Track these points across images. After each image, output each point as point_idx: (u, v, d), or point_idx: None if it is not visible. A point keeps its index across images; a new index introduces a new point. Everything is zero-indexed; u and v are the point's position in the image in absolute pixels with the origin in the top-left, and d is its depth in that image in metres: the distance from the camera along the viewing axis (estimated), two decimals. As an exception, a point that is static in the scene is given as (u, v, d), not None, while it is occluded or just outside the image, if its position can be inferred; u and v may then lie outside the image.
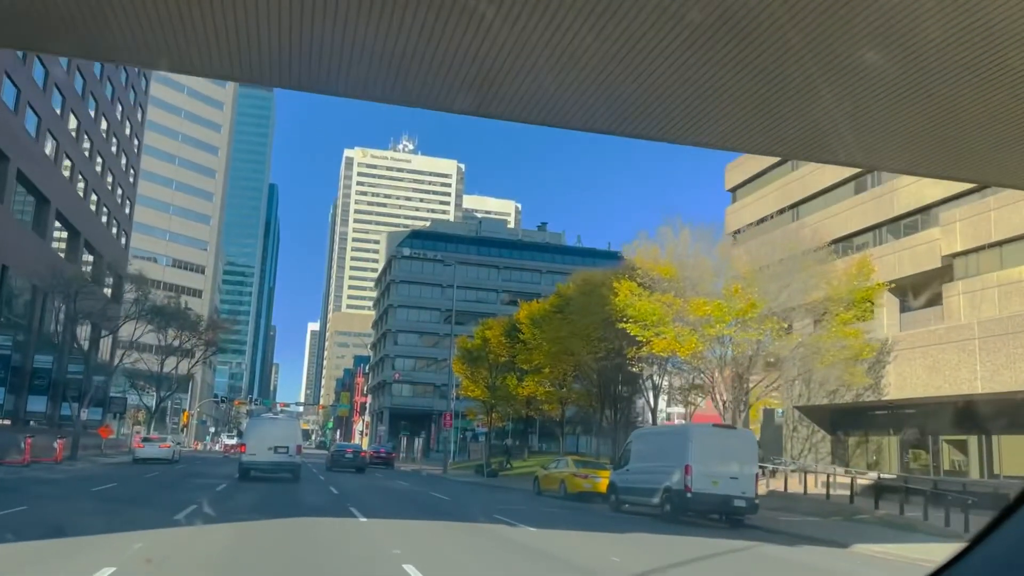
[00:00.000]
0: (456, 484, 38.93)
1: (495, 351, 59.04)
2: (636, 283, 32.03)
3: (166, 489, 24.18)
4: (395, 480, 38.58)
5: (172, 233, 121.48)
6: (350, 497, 23.64)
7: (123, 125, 69.61)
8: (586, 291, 41.20)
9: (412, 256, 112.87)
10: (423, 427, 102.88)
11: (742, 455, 22.57)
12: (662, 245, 33.07)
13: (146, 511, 16.94)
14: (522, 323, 54.71)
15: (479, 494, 31.65)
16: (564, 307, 45.90)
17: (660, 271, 30.81)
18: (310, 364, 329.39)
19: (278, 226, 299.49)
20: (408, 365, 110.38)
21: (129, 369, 67.21)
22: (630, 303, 30.68)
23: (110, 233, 66.85)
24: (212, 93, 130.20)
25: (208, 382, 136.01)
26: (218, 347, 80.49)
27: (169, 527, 13.46)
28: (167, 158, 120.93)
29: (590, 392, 50.21)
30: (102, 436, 56.41)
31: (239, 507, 18.42)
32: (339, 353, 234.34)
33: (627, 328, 31.60)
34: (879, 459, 39.24)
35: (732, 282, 28.92)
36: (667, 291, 30.80)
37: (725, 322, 28.60)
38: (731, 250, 31.34)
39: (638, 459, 25.14)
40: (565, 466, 31.78)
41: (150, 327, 54.63)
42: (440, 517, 19.09)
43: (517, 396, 55.87)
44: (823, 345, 29.54)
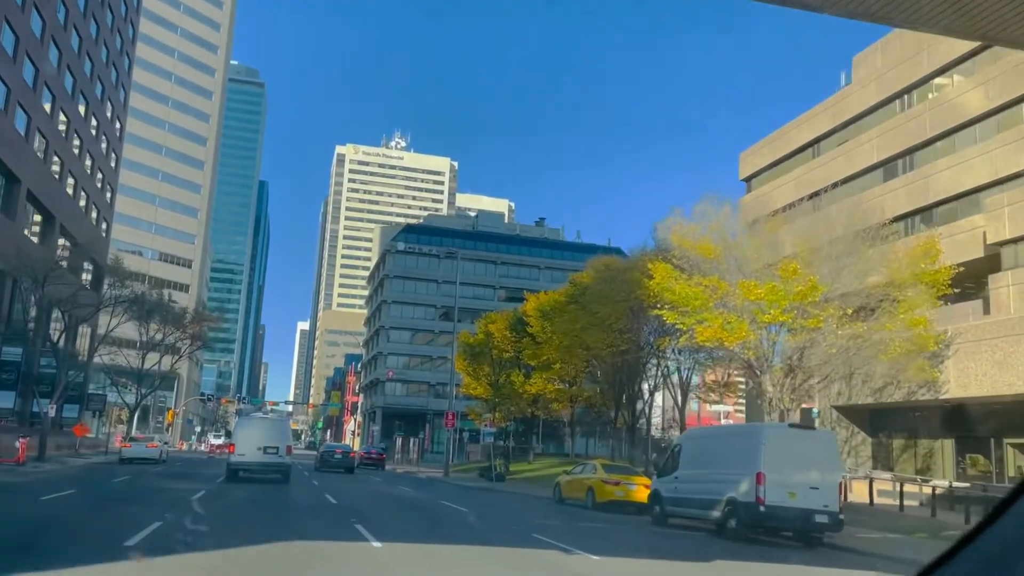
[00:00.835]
0: (463, 490, 35.17)
1: (499, 346, 55.38)
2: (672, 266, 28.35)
3: (131, 498, 20.36)
4: (396, 485, 34.79)
5: (158, 226, 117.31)
6: (352, 508, 19.95)
7: (104, 106, 65.61)
8: (607, 277, 37.54)
9: (407, 251, 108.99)
10: (417, 427, 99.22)
11: (823, 461, 18.89)
12: (696, 223, 29.31)
13: (91, 531, 13.16)
14: (530, 316, 51.10)
15: (496, 503, 27.91)
16: (580, 297, 42.24)
17: (701, 251, 27.14)
18: (299, 364, 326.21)
19: (268, 223, 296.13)
20: (402, 363, 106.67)
21: (109, 365, 63.22)
22: (668, 287, 26.95)
23: (89, 219, 62.85)
24: (200, 81, 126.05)
25: (195, 380, 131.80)
26: (204, 342, 76.43)
27: (109, 561, 9.68)
28: (153, 148, 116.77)
29: (604, 390, 46.58)
30: (77, 435, 52.39)
31: (216, 525, 14.61)
32: (329, 352, 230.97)
33: (663, 315, 27.94)
34: (929, 464, 35.66)
35: (789, 262, 25.19)
36: (709, 273, 27.13)
37: (781, 307, 24.92)
38: (780, 228, 27.70)
39: (690, 465, 21.42)
40: (592, 471, 28.04)
41: (126, 316, 50.48)
42: (470, 539, 15.35)
43: (523, 394, 52.17)
44: (886, 336, 25.86)
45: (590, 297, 39.41)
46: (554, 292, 50.55)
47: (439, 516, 19.87)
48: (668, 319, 27.92)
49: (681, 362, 34.50)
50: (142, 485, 25.27)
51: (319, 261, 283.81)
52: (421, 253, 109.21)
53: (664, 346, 30.97)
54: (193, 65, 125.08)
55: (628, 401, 42.96)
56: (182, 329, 63.88)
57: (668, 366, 36.96)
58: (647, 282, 28.58)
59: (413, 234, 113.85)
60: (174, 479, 30.11)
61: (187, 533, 12.80)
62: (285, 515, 17.39)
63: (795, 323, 25.19)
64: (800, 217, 30.81)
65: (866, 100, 52.01)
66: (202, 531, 13.37)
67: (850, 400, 36.57)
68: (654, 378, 40.72)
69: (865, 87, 52.57)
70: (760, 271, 26.92)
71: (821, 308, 25.13)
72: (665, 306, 27.89)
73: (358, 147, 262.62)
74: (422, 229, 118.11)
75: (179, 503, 18.62)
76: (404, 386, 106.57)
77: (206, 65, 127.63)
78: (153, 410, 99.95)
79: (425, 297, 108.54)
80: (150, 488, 24.06)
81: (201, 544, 11.73)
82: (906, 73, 48.53)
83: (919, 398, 32.47)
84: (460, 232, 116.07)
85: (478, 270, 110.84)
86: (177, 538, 12.05)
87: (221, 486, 26.64)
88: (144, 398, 64.96)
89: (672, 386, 38.42)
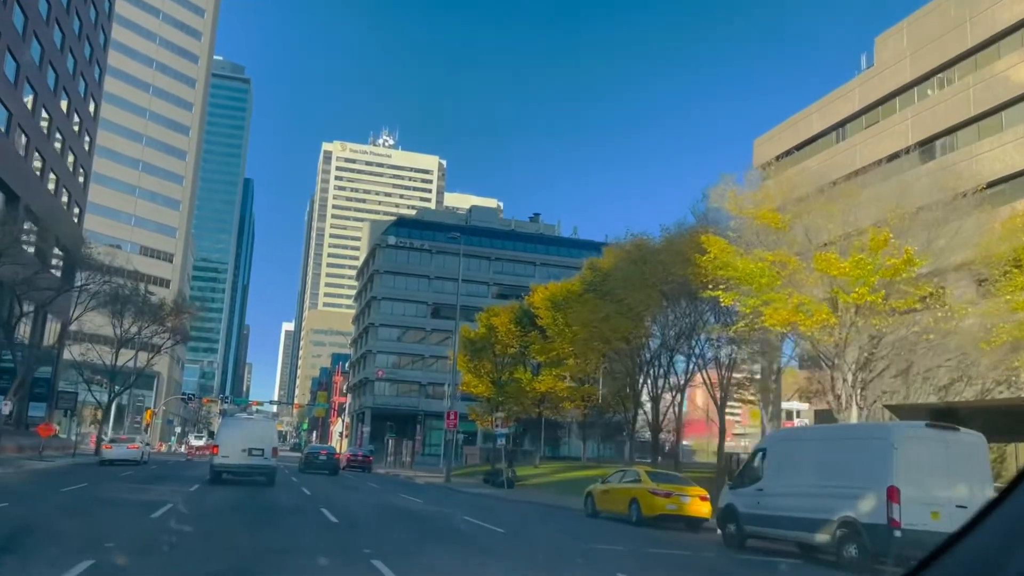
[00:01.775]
0: (475, 500, 30.83)
1: (503, 341, 51.07)
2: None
3: (76, 513, 15.92)
4: (398, 494, 30.39)
5: (138, 218, 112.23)
6: (359, 529, 15.66)
7: (75, 82, 60.88)
8: (637, 259, 33.14)
9: (398, 245, 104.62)
10: (408, 428, 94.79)
11: (971, 470, 14.64)
12: (750, 190, 25.08)
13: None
14: (538, 308, 46.84)
15: (526, 518, 23.57)
16: (599, 284, 37.94)
17: (765, 219, 22.86)
18: (284, 364, 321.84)
19: (253, 222, 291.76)
20: (392, 362, 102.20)
21: (81, 361, 58.49)
22: (727, 263, 22.66)
23: (59, 203, 58.09)
24: (183, 68, 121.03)
25: (176, 379, 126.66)
26: (185, 337, 71.82)
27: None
28: (133, 137, 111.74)
29: (621, 387, 42.32)
30: (42, 435, 47.71)
31: (180, 567, 10.21)
32: (315, 352, 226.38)
33: (719, 297, 23.69)
34: (1001, 471, 31.58)
35: (877, 231, 20.93)
36: (772, 247, 22.90)
37: (869, 284, 20.68)
38: (859, 193, 23.47)
39: (781, 474, 17.13)
40: (634, 479, 23.74)
41: (96, 304, 45.88)
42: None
43: (529, 392, 47.83)
44: (991, 319, 21.67)
45: (613, 283, 35.07)
46: (566, 281, 46.24)
47: (474, 540, 15.47)
48: (724, 301, 23.74)
49: (730, 351, 29.79)
50: (92, 498, 20.77)
51: (305, 260, 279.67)
52: (412, 248, 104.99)
53: (714, 333, 26.68)
54: (175, 51, 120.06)
55: (653, 398, 38.52)
56: (159, 322, 59.21)
57: (701, 359, 32.77)
58: (698, 259, 24.30)
59: (404, 228, 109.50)
60: (139, 487, 25.64)
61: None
62: (276, 542, 12.98)
63: (886, 304, 20.95)
64: (877, 183, 26.51)
65: (899, 79, 48.94)
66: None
67: (907, 398, 32.48)
68: (686, 373, 36.31)
69: (897, 65, 49.54)
70: (831, 244, 22.74)
71: (915, 286, 20.92)
72: (720, 286, 23.65)
73: (345, 144, 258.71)
74: (413, 223, 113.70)
75: (133, 523, 14.26)
76: (394, 386, 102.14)
77: (189, 52, 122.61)
78: (131, 409, 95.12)
79: (416, 293, 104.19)
80: (101, 501, 19.58)
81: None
82: (947, 48, 45.40)
83: (997, 396, 28.45)
84: (453, 227, 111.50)
85: (472, 266, 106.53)
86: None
87: (196, 495, 22.25)
88: (117, 396, 60.16)
89: (710, 385, 33.84)
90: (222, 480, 28.06)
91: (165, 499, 19.13)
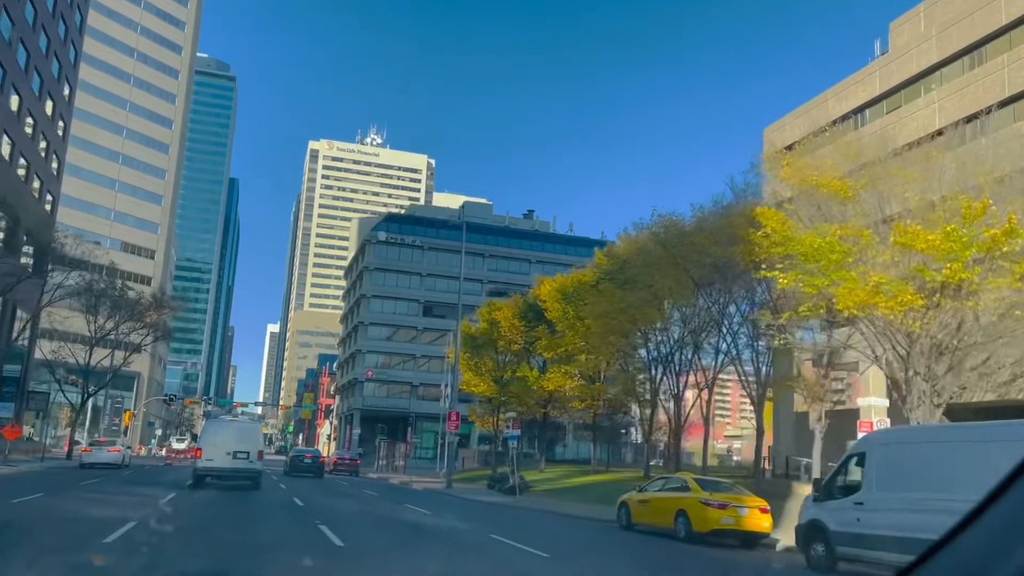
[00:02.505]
0: (490, 510, 27.50)
1: (506, 336, 47.75)
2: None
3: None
4: (403, 503, 26.99)
5: (118, 213, 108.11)
6: (373, 556, 12.36)
7: (48, 62, 57.23)
8: (668, 241, 29.80)
9: (388, 241, 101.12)
10: (398, 430, 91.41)
11: None
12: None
13: None
14: (545, 300, 43.56)
15: (560, 536, 20.29)
16: (616, 273, 34.67)
17: (832, 187, 19.66)
18: (269, 367, 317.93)
19: (238, 222, 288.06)
20: (382, 362, 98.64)
21: (54, 360, 54.79)
22: (788, 238, 19.44)
23: (29, 190, 54.40)
24: (166, 59, 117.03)
25: (158, 380, 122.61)
26: (166, 334, 68.11)
27: None
28: (113, 129, 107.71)
29: (636, 383, 39.09)
30: (7, 438, 44.16)
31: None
32: (301, 354, 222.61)
33: (776, 278, 20.47)
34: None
35: (969, 199, 17.76)
36: (834, 220, 19.72)
37: (962, 259, 17.53)
38: (940, 156, 20.27)
39: (891, 484, 13.87)
40: (680, 487, 20.47)
41: (66, 295, 42.37)
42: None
43: (536, 391, 44.54)
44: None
45: (635, 270, 31.79)
46: (577, 271, 42.91)
47: (522, 572, 12.13)
48: (782, 283, 20.48)
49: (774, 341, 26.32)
50: (49, 509, 17.31)
51: (291, 260, 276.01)
52: (403, 244, 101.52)
53: (763, 321, 23.44)
54: (157, 41, 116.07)
55: (672, 397, 35.18)
56: (137, 318, 55.60)
57: (734, 351, 29.63)
58: (751, 236, 21.07)
59: (395, 224, 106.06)
60: (107, 495, 22.21)
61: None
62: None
63: (982, 283, 17.79)
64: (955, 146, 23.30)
65: (923, 61, 47.12)
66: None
67: (963, 397, 29.44)
68: (715, 366, 32.93)
69: (923, 44, 47.73)
70: (905, 215, 19.60)
71: (1015, 261, 17.77)
72: (776, 266, 20.44)
73: (332, 143, 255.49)
74: (404, 219, 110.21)
75: (78, 550, 10.89)
76: (384, 387, 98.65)
77: (171, 42, 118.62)
78: (107, 411, 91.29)
79: (407, 291, 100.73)
80: (59, 515, 16.13)
81: None
82: (977, 27, 44.04)
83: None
84: (445, 222, 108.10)
85: (465, 263, 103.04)
86: None
87: (169, 509, 18.85)
88: (91, 397, 56.44)
89: (747, 381, 30.47)
90: (205, 484, 27.30)
91: (128, 515, 15.70)
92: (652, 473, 38.20)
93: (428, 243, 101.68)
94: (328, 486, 36.47)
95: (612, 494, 33.23)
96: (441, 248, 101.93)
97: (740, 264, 23.65)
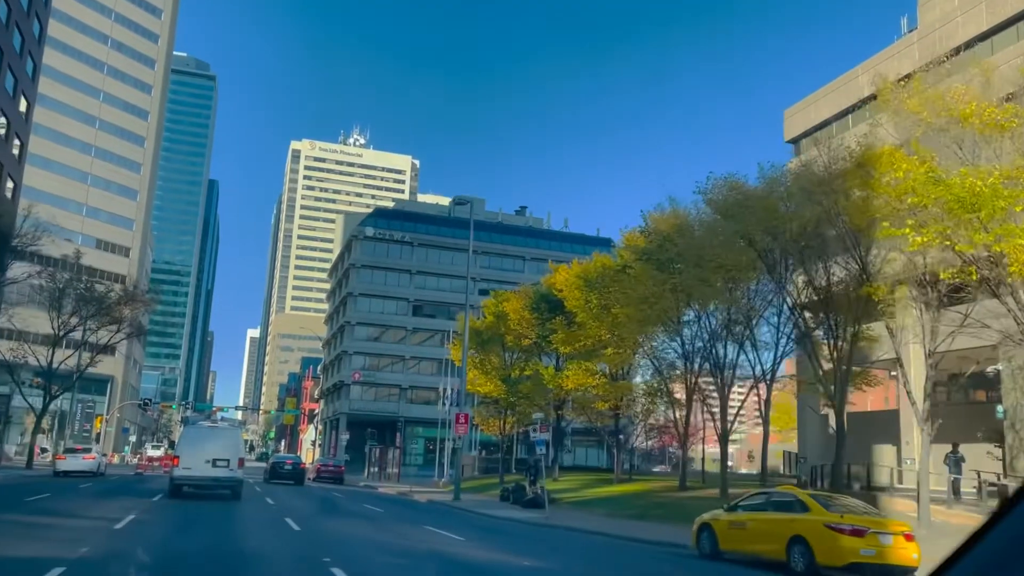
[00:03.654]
0: (523, 531, 22.80)
1: (515, 330, 43.06)
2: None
3: None
4: (422, 525, 22.26)
5: (90, 208, 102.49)
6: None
7: (9, 34, 52.06)
8: (734, 205, 24.94)
9: (376, 237, 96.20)
10: (387, 435, 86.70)
11: None
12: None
13: None
14: (561, 290, 38.92)
15: (627, 564, 15.60)
16: (655, 252, 30.03)
17: (986, 115, 15.10)
18: (249, 372, 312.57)
19: (218, 225, 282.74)
20: (369, 363, 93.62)
21: (12, 360, 49.51)
22: (931, 180, 14.88)
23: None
24: (141, 48, 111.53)
25: (133, 384, 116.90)
26: (139, 332, 62.95)
27: None
28: (86, 119, 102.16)
29: (664, 379, 34.48)
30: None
31: None
32: (283, 358, 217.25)
33: (907, 237, 15.90)
34: None
35: None
36: (985, 161, 15.17)
37: None
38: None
39: None
40: (789, 505, 15.83)
41: (27, 287, 37.44)
42: None
43: (554, 391, 39.87)
44: None
45: (686, 246, 26.97)
46: (600, 256, 38.11)
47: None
48: (912, 245, 15.91)
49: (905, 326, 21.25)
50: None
51: (272, 263, 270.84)
52: (392, 240, 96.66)
53: (881, 294, 18.79)
54: (133, 29, 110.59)
55: (720, 389, 30.38)
56: (105, 312, 50.47)
57: (803, 339, 24.99)
58: (874, 186, 16.50)
59: (383, 219, 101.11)
60: (43, 521, 17.34)
61: None
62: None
63: None
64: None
65: (968, 31, 43.61)
66: None
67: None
68: (775, 358, 28.27)
69: (966, 14, 44.42)
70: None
71: None
72: (908, 222, 15.90)
73: (314, 143, 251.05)
74: (393, 214, 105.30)
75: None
76: (372, 390, 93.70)
77: (148, 30, 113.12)
78: (79, 416, 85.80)
79: (396, 289, 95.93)
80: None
81: None
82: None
83: None
84: (436, 217, 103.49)
85: (456, 260, 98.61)
86: None
87: (116, 546, 14.06)
88: (53, 399, 51.18)
89: (816, 365, 25.40)
90: (182, 494, 25.92)
91: (60, 554, 10.88)
92: (689, 484, 33.64)
93: (418, 239, 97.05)
94: (321, 499, 31.72)
95: (651, 508, 28.59)
96: (431, 244, 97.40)
97: (849, 221, 19.09)
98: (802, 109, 54.07)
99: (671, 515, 26.03)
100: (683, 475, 33.67)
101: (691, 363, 32.39)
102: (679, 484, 33.31)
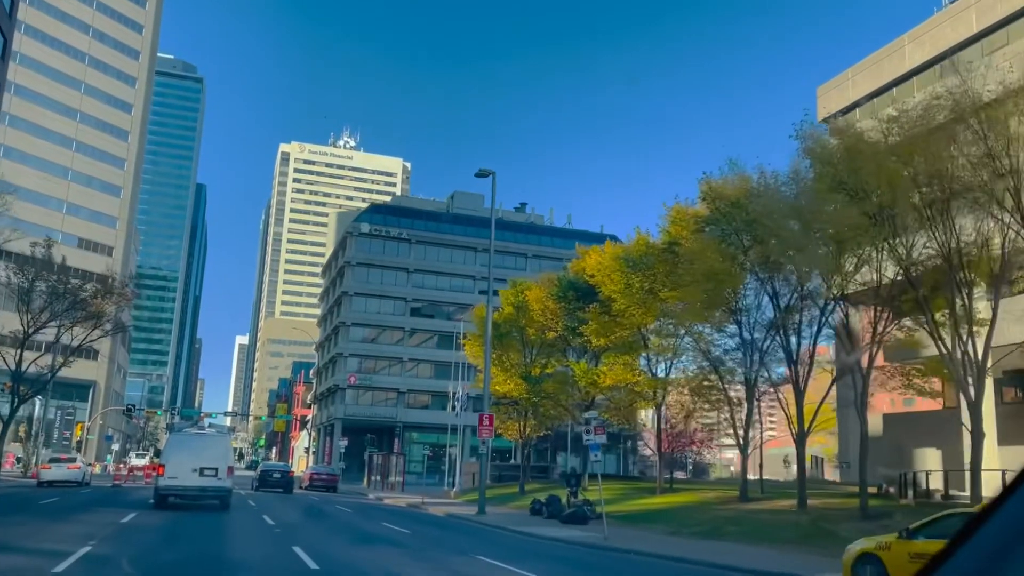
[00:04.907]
0: (594, 559, 18.24)
1: (538, 322, 38.55)
2: None
3: None
4: (476, 556, 17.68)
5: (71, 204, 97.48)
6: None
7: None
8: (826, 155, 20.30)
9: (372, 233, 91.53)
10: (384, 441, 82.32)
11: None
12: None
13: None
14: (593, 275, 34.43)
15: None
16: (721, 219, 25.51)
17: None
18: (238, 380, 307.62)
19: (206, 230, 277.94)
20: (366, 366, 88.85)
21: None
22: None
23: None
24: (125, 39, 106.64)
25: (117, 390, 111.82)
26: (120, 329, 58.15)
27: None
28: (66, 112, 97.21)
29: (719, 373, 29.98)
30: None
31: None
32: (272, 363, 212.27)
33: None
34: None
35: None
36: None
37: None
38: None
39: None
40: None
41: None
42: None
43: (586, 388, 35.33)
44: None
45: (771, 206, 22.28)
46: (642, 235, 33.46)
47: None
48: None
49: None
50: None
51: (261, 267, 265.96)
52: (389, 237, 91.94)
53: None
54: (116, 18, 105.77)
55: (794, 390, 25.88)
56: (80, 307, 45.73)
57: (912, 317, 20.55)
58: None
59: (379, 215, 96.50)
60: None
61: None
62: None
63: None
64: None
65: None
66: None
67: None
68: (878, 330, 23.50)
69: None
70: None
71: None
72: None
73: (304, 145, 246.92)
74: (389, 209, 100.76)
75: None
76: (368, 394, 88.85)
77: (132, 20, 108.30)
78: (56, 423, 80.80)
79: (393, 288, 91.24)
80: None
81: None
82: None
83: None
84: (434, 214, 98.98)
85: (455, 258, 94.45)
86: None
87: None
88: (22, 403, 46.36)
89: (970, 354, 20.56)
90: (167, 504, 25.19)
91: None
92: (750, 493, 29.16)
93: (416, 236, 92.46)
94: (324, 514, 27.25)
95: (721, 524, 24.05)
96: (429, 241, 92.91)
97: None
98: (838, 85, 50.22)
99: (754, 534, 21.53)
100: (744, 485, 29.14)
101: (752, 354, 27.91)
102: (739, 495, 28.79)
